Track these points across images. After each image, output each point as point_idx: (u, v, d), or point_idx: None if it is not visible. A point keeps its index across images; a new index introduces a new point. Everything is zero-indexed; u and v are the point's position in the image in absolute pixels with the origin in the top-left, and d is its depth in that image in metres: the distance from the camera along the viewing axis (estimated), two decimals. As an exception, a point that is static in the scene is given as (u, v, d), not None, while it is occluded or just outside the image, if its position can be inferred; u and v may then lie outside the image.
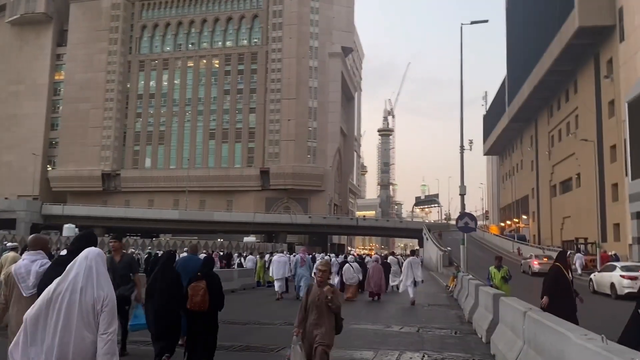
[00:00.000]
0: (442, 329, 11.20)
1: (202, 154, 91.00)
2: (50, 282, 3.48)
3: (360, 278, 18.60)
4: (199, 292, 6.75)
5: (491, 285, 11.50)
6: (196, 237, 71.90)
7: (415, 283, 16.94)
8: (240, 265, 26.65)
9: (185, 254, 11.32)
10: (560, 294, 7.96)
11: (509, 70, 64.95)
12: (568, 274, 8.33)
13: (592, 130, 38.79)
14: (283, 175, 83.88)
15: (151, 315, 6.98)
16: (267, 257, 22.46)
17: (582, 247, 37.55)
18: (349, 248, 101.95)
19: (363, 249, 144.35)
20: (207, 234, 76.04)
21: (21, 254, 9.27)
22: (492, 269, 12.22)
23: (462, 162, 20.15)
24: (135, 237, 67.14)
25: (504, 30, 69.72)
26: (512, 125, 65.24)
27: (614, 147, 34.12)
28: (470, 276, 14.79)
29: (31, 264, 4.74)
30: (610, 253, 28.85)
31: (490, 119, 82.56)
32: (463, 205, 19.99)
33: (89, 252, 3.55)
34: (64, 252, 6.10)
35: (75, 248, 4.03)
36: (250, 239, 67.18)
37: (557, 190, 51.51)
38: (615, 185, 33.84)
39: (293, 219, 74.39)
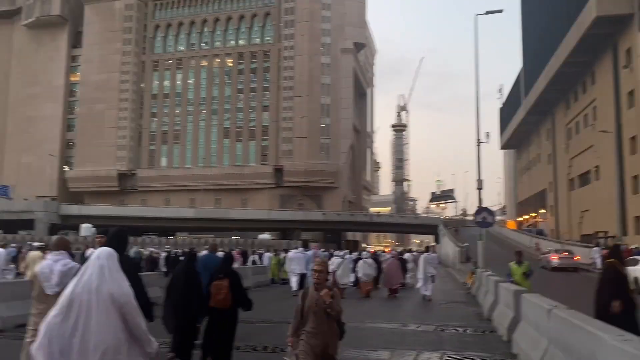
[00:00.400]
0: (461, 327, 10.87)
1: (217, 153, 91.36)
2: None
3: (375, 274, 18.47)
4: (222, 290, 6.87)
5: (511, 282, 11.11)
6: (212, 235, 72.03)
7: (433, 278, 16.98)
8: (254, 262, 26.59)
9: (205, 252, 11.57)
10: (620, 294, 7.12)
11: (525, 62, 63.97)
12: (624, 271, 7.59)
13: (611, 121, 37.93)
14: (297, 172, 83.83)
15: (171, 312, 6.98)
16: (281, 254, 22.29)
17: (602, 240, 36.75)
18: (364, 245, 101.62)
19: (378, 245, 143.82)
20: (222, 232, 76.19)
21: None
22: (512, 264, 11.63)
23: (478, 155, 19.74)
24: (152, 236, 67.43)
25: (519, 21, 68.77)
26: (528, 118, 64.29)
27: (633, 138, 33.28)
28: (489, 272, 14.45)
29: (54, 263, 4.89)
30: (632, 247, 28.11)
31: (506, 112, 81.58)
32: (480, 200, 19.58)
33: (100, 252, 3.71)
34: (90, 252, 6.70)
35: (110, 247, 4.13)
36: (264, 236, 67.22)
37: (575, 183, 50.59)
38: (635, 178, 33.02)
39: (307, 216, 74.23)
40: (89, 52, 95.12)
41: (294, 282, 18.03)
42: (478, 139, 19.87)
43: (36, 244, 16.94)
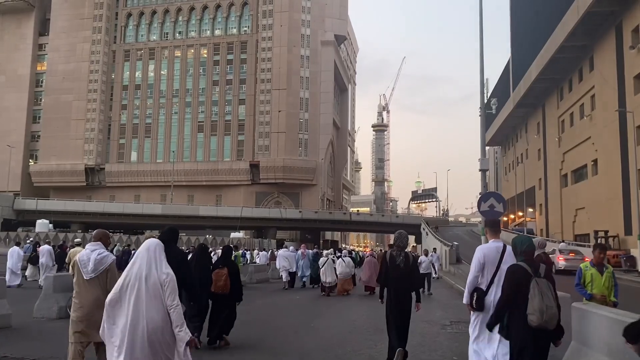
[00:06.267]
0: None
1: (190, 147, 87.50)
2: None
3: (354, 272, 19.04)
4: (221, 278, 8.01)
5: (588, 296, 6.86)
6: (184, 233, 68.17)
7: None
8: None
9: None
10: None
11: (514, 52, 60.92)
12: None
13: (613, 110, 34.71)
14: (273, 168, 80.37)
15: (185, 300, 7.02)
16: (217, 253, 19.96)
17: (601, 240, 33.62)
18: (343, 245, 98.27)
19: (358, 246, 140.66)
20: (195, 230, 72.43)
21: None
22: (586, 266, 6.96)
23: (483, 126, 16.04)
24: (119, 233, 63.23)
25: (508, 13, 65.90)
26: (516, 112, 61.20)
27: (640, 127, 30.19)
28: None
29: (91, 253, 5.43)
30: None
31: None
32: (485, 184, 15.81)
33: (150, 243, 4.14)
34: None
35: (165, 238, 5.55)
36: (237, 234, 63.27)
37: (568, 179, 47.28)
38: (643, 171, 29.83)
39: (283, 214, 70.52)
40: (57, 41, 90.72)
41: (284, 276, 20.53)
42: (483, 107, 16.21)
43: (76, 240, 20.01)
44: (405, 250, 6.99)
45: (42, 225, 56.56)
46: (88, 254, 5.42)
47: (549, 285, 4.46)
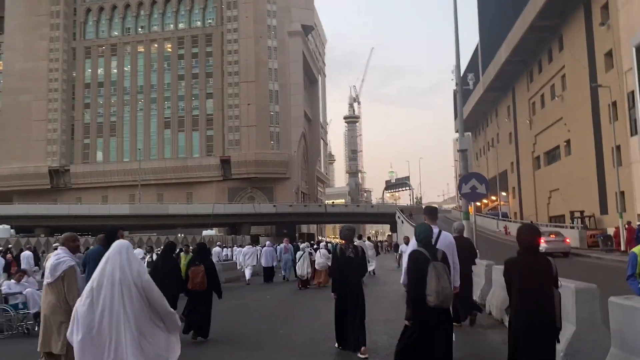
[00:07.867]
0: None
1: (158, 145, 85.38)
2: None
3: (329, 264, 18.40)
4: (199, 275, 8.33)
5: None
6: (155, 233, 66.36)
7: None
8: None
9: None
10: None
11: (482, 36, 60.52)
12: None
13: (585, 88, 34.42)
14: (245, 163, 78.88)
15: None
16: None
17: (577, 220, 33.39)
18: (319, 237, 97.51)
19: (334, 237, 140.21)
20: (166, 229, 70.59)
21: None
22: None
23: (460, 103, 15.22)
24: (86, 236, 61.08)
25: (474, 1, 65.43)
26: (486, 96, 60.95)
27: (614, 104, 29.83)
28: (492, 264, 9.15)
29: (53, 257, 5.33)
30: (638, 224, 23.99)
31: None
32: (466, 165, 14.90)
33: (120, 246, 4.14)
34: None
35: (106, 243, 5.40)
36: (209, 232, 61.76)
37: (541, 161, 47.11)
38: (618, 148, 29.52)
39: (257, 209, 69.20)
40: (12, 39, 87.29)
41: (248, 273, 21.13)
42: (459, 81, 15.39)
43: (55, 244, 18.34)
44: (353, 242, 7.25)
45: (3, 231, 54.10)
46: (51, 259, 5.38)
47: (445, 269, 4.92)
